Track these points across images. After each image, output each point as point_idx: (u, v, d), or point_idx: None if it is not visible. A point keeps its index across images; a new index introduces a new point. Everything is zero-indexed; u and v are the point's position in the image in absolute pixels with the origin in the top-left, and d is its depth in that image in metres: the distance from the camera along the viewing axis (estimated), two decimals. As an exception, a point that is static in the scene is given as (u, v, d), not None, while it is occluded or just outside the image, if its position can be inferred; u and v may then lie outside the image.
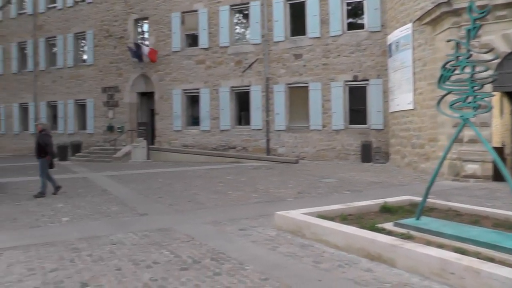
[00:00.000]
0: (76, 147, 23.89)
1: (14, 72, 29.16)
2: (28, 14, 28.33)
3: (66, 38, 26.51)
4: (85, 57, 26.25)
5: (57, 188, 10.93)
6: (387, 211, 7.11)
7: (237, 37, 21.30)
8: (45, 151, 10.82)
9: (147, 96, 23.39)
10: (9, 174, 15.57)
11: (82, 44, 26.51)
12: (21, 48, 28.95)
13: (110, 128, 23.96)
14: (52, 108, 27.50)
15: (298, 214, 6.71)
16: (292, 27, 19.84)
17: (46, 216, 8.42)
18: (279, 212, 7.01)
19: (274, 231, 6.75)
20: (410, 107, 14.70)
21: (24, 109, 28.86)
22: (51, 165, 10.98)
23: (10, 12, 28.36)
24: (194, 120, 22.22)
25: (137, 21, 23.57)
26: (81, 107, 25.89)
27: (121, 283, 4.71)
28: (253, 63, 20.28)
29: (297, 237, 6.31)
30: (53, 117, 27.38)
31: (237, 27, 21.56)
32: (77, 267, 5.28)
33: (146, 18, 23.16)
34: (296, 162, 18.33)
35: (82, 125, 25.86)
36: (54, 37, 27.14)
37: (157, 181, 13.24)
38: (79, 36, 26.26)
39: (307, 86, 19.22)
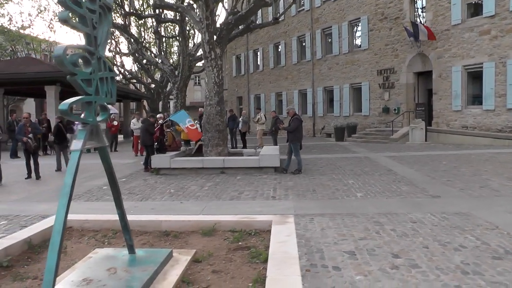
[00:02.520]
0: (352, 129, 24.79)
1: (294, 63, 32.29)
2: (306, 10, 30.79)
3: (340, 27, 27.59)
4: (359, 42, 26.82)
5: (298, 170, 11.63)
6: None
7: (533, -7, 18.07)
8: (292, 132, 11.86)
9: (424, 76, 22.35)
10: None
11: (356, 31, 27.17)
12: (300, 41, 31.78)
13: (386, 110, 23.87)
14: (328, 92, 29.25)
15: None
16: None
17: (340, 190, 8.95)
18: None
19: None
20: None
21: (303, 95, 31.73)
22: (300, 146, 11.98)
23: (291, 11, 31.14)
24: (475, 99, 20.12)
25: (413, -2, 22.73)
26: (356, 91, 26.64)
27: (431, 261, 4.59)
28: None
29: None
30: (329, 101, 29.22)
31: (532, -19, 18.31)
32: (384, 239, 5.40)
33: (422, -6, 22.13)
34: None
35: (357, 107, 26.60)
36: (330, 27, 28.61)
37: (441, 164, 12.55)
38: (353, 23, 26.92)
39: None
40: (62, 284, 3.44)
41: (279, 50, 33.74)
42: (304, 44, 31.24)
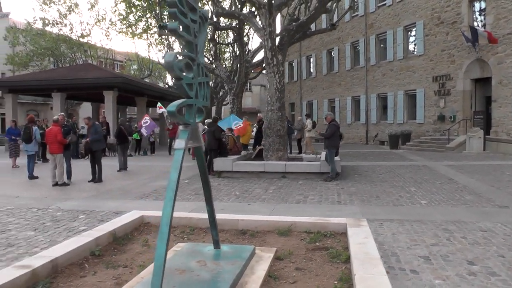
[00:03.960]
0: (406, 137, 24.36)
1: (347, 69, 32.10)
2: (360, 15, 30.61)
3: (395, 32, 27.19)
4: (414, 48, 26.33)
5: (336, 174, 11.66)
6: None
7: None
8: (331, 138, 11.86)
9: (482, 82, 21.64)
10: (352, 159, 17.12)
11: (411, 36, 26.70)
12: (354, 47, 31.60)
13: (441, 118, 23.29)
14: (382, 99, 28.87)
15: None
16: None
17: (404, 197, 8.92)
18: None
19: None
20: None
21: (356, 102, 31.45)
22: (336, 152, 11.99)
23: (345, 17, 30.83)
24: (540, 108, 19.38)
25: (471, 1, 22.03)
26: (411, 97, 26.17)
27: (510, 270, 4.54)
28: None
29: None
30: (383, 108, 28.83)
31: None
32: (456, 246, 5.39)
33: (483, -3, 21.47)
34: None
35: (412, 115, 26.11)
36: (384, 32, 28.29)
37: (504, 174, 12.16)
38: (408, 28, 26.47)
39: None
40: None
41: (333, 56, 33.66)
42: (358, 50, 31.05)
